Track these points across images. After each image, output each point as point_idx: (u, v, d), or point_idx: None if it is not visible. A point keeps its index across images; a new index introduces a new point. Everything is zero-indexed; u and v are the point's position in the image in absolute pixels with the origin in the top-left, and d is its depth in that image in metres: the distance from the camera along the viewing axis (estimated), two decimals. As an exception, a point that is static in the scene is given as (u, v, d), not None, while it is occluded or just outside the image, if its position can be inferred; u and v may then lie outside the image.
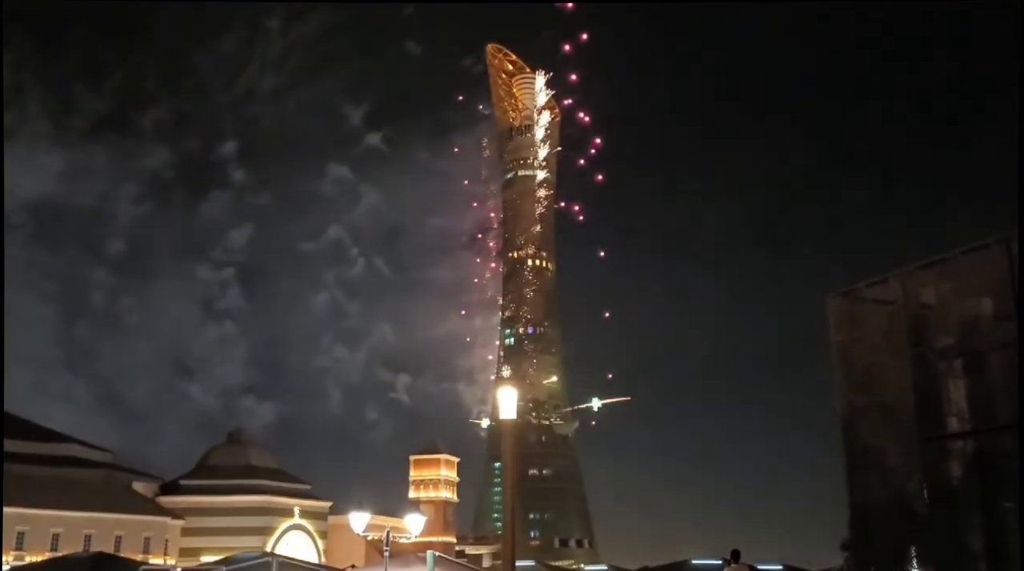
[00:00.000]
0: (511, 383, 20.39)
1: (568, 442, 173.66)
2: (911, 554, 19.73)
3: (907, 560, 19.78)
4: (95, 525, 72.79)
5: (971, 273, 18.56)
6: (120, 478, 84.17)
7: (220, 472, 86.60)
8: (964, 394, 19.33)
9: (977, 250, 18.26)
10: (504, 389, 20.14)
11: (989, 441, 18.73)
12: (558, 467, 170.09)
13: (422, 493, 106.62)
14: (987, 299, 18.54)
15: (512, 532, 20.84)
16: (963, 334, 19.00)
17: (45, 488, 71.04)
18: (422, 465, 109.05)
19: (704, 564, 64.45)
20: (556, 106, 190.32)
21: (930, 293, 19.75)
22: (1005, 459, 18.65)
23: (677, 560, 67.82)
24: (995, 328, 18.20)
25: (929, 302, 19.83)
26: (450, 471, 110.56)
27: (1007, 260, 17.46)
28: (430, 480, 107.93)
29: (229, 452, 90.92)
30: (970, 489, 19.17)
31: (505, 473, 21.94)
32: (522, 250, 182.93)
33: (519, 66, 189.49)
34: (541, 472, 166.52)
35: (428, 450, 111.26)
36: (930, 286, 19.69)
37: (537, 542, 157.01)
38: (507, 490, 21.00)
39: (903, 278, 19.77)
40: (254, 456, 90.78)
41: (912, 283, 19.71)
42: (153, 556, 74.41)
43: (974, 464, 19.02)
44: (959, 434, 19.18)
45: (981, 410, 18.95)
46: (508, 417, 19.65)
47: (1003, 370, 18.66)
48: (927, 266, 19.58)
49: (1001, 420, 18.14)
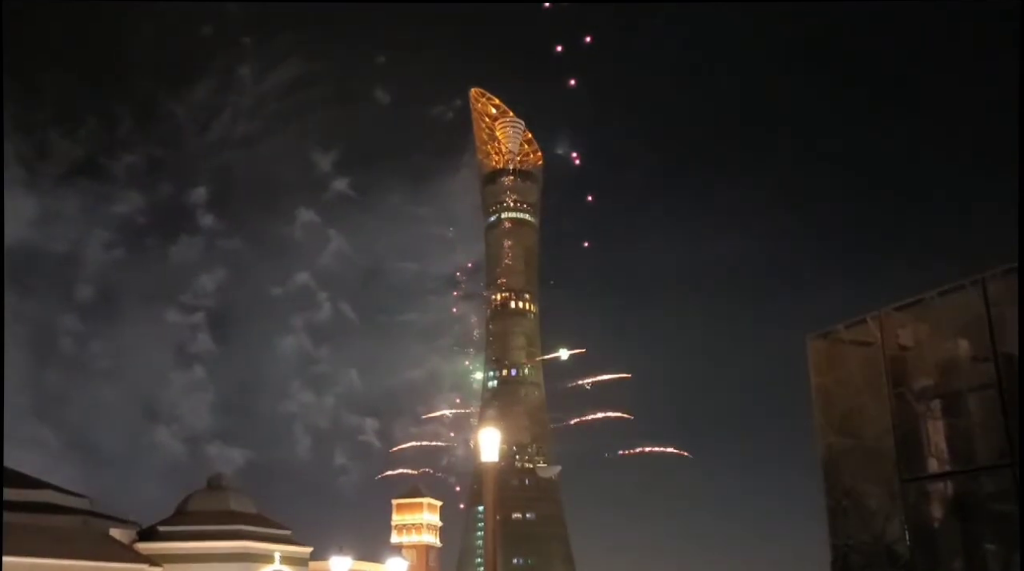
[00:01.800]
0: (493, 425, 20.35)
1: (552, 485, 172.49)
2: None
3: (890, 603, 19.71)
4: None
5: (947, 314, 18.77)
6: (97, 524, 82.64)
7: (199, 518, 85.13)
8: (943, 435, 19.44)
9: (952, 292, 18.48)
10: (486, 431, 20.09)
11: (969, 482, 18.79)
12: (542, 511, 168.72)
13: (404, 537, 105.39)
14: (963, 340, 18.71)
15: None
16: (941, 375, 19.14)
17: (20, 535, 69.58)
18: (405, 509, 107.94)
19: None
20: (539, 149, 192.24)
21: (907, 334, 19.92)
22: (986, 500, 18.70)
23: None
24: (972, 369, 18.36)
25: (907, 343, 19.99)
26: (433, 515, 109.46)
27: (982, 301, 17.67)
28: (412, 524, 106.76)
29: (208, 498, 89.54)
30: (951, 531, 19.19)
31: (487, 515, 21.85)
32: (505, 292, 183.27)
33: (502, 109, 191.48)
34: (525, 516, 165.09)
35: (411, 494, 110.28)
36: (907, 327, 19.87)
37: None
38: (488, 532, 20.86)
39: (881, 319, 19.94)
40: (234, 502, 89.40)
41: (889, 324, 19.89)
42: (130, 604, 72.88)
43: (955, 505, 19.05)
44: (939, 475, 19.23)
45: (960, 451, 19.05)
46: (490, 459, 19.58)
47: (981, 410, 18.80)
48: (904, 307, 19.78)
49: (980, 460, 18.24)
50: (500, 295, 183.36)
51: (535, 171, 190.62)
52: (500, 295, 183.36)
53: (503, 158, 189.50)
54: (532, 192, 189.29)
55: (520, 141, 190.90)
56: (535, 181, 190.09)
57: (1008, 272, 16.83)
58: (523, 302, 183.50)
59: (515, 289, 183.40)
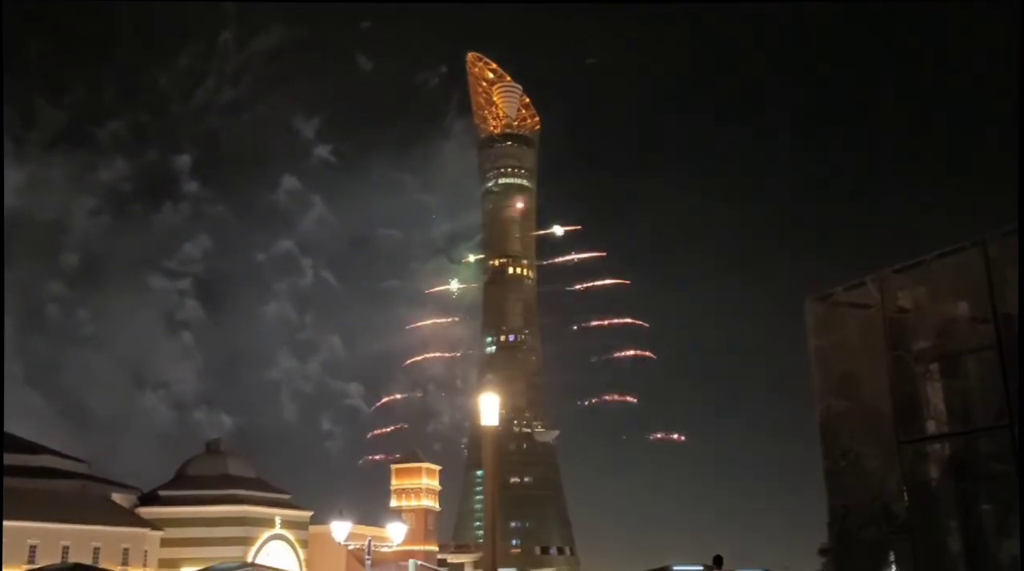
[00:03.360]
0: (492, 389, 20.37)
1: (549, 449, 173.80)
2: (890, 556, 19.78)
3: (886, 562, 19.83)
4: (72, 537, 71.92)
5: (947, 276, 18.68)
6: (97, 489, 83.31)
7: (199, 482, 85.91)
8: (942, 397, 19.44)
9: (953, 253, 18.38)
10: (485, 395, 20.12)
11: (966, 444, 18.84)
12: (539, 475, 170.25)
13: (404, 502, 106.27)
14: (963, 302, 18.66)
15: (494, 537, 20.81)
16: (940, 337, 19.10)
17: (20, 499, 70.05)
18: (404, 474, 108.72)
19: (685, 570, 64.38)
20: (537, 113, 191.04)
21: (907, 297, 19.83)
22: (982, 461, 18.78)
23: (658, 567, 67.67)
24: (971, 330, 18.33)
25: (906, 306, 19.92)
26: (432, 480, 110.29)
27: (983, 263, 17.58)
28: (412, 489, 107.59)
29: (207, 462, 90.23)
30: (948, 491, 19.26)
31: (487, 479, 21.90)
32: (503, 258, 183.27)
33: (499, 74, 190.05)
34: (522, 480, 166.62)
35: (410, 459, 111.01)
36: (907, 290, 19.77)
37: (518, 550, 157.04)
38: (488, 495, 20.97)
39: (880, 282, 19.85)
40: (232, 466, 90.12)
41: (889, 287, 19.78)
42: (132, 567, 73.68)
43: (952, 466, 19.12)
44: (937, 436, 19.27)
45: (958, 413, 19.07)
46: (489, 423, 19.60)
47: (979, 373, 18.81)
48: (903, 270, 19.67)
49: (978, 422, 18.26)
50: (497, 261, 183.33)
51: (532, 135, 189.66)
52: (497, 261, 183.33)
53: (500, 123, 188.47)
54: (529, 157, 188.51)
55: (517, 106, 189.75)
56: (532, 146, 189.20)
57: (1009, 233, 16.74)
58: (520, 268, 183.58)
59: (512, 255, 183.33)
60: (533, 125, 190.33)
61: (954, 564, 18.82)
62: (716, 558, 26.17)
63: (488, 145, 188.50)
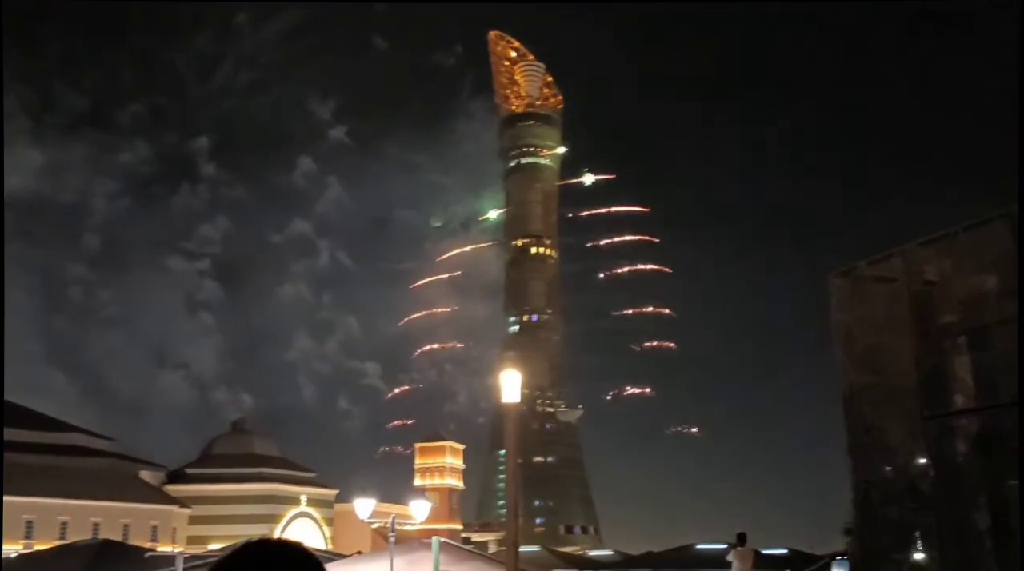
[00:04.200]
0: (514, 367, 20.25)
1: (571, 429, 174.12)
2: (915, 533, 19.63)
3: (911, 539, 19.68)
4: (102, 513, 73.09)
5: (974, 249, 18.36)
6: (126, 467, 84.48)
7: (225, 461, 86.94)
8: (968, 371, 19.17)
9: (979, 225, 18.06)
10: (507, 372, 20.03)
11: (993, 418, 18.59)
12: (562, 454, 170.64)
13: (427, 480, 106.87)
14: (990, 275, 18.33)
15: (516, 515, 20.82)
16: (966, 311, 18.81)
17: (51, 477, 71.29)
18: (427, 453, 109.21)
19: (709, 549, 64.29)
20: (559, 92, 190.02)
21: (933, 270, 19.54)
22: (1008, 436, 18.54)
23: (681, 545, 67.67)
24: (999, 304, 18.01)
25: (932, 279, 19.63)
26: (455, 458, 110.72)
27: (1010, 235, 17.27)
28: (435, 467, 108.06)
29: (233, 441, 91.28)
30: (974, 467, 19.04)
31: (509, 456, 21.87)
32: (525, 238, 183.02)
33: (522, 52, 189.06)
34: (545, 459, 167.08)
35: (433, 437, 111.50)
36: (932, 263, 19.48)
37: (541, 529, 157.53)
38: (511, 474, 20.97)
39: (905, 255, 19.57)
40: (258, 445, 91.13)
41: (914, 260, 19.51)
42: (161, 544, 74.65)
43: (978, 441, 18.88)
44: (963, 411, 19.03)
45: (985, 387, 18.80)
46: (511, 400, 19.54)
47: (1007, 347, 18.50)
48: (929, 242, 19.37)
49: (1005, 396, 18.00)
50: (520, 240, 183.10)
51: (555, 115, 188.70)
52: (520, 240, 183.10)
53: (522, 102, 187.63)
54: (552, 136, 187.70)
55: (540, 85, 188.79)
56: (555, 125, 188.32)
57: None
58: (543, 247, 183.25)
59: (535, 234, 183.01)
60: (556, 104, 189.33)
61: (980, 541, 18.63)
62: (740, 535, 26.16)
63: (510, 124, 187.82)
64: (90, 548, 46.55)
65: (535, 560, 65.21)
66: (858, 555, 20.55)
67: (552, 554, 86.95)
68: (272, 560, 2.81)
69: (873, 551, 20.22)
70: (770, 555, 57.93)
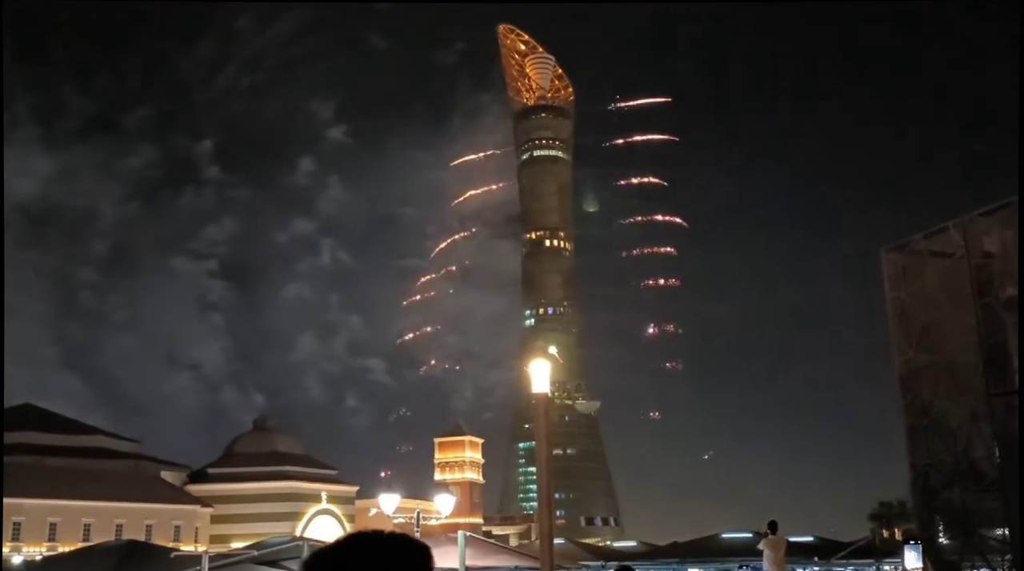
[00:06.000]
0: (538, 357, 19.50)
1: (591, 421, 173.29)
2: (979, 515, 18.81)
3: (975, 523, 18.85)
4: (126, 514, 72.81)
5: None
6: (148, 468, 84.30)
7: (247, 460, 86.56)
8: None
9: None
10: (536, 361, 19.25)
11: (1061, 395, 17.73)
12: (582, 446, 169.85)
13: (448, 475, 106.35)
14: (1057, 244, 17.47)
15: (550, 507, 20.01)
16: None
17: (75, 479, 71.11)
18: (447, 447, 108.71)
19: (733, 538, 63.42)
20: (570, 84, 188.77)
21: (993, 241, 18.70)
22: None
23: (707, 535, 66.84)
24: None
25: (992, 250, 18.77)
26: (475, 452, 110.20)
27: (1080, 201, 16.43)
28: (455, 462, 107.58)
29: (255, 440, 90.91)
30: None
31: (539, 449, 21.18)
32: (540, 231, 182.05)
33: (532, 45, 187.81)
34: (565, 451, 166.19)
35: (453, 432, 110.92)
36: (993, 234, 18.63)
37: (563, 521, 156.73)
38: (542, 467, 20.21)
39: (964, 227, 18.72)
40: (280, 443, 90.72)
41: (974, 231, 18.67)
42: (184, 543, 74.34)
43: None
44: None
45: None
46: (541, 391, 18.79)
47: (1075, 319, 17.64)
48: (989, 213, 18.52)
49: (1075, 372, 17.16)
50: (535, 233, 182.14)
51: (567, 107, 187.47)
52: (535, 233, 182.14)
53: (534, 95, 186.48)
54: (564, 128, 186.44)
55: (551, 77, 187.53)
56: (567, 117, 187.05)
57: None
58: (558, 240, 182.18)
59: (549, 227, 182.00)
60: (567, 96, 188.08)
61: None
62: (771, 524, 25.65)
63: (523, 117, 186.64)
64: (117, 549, 46.12)
65: (562, 552, 64.36)
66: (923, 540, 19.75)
67: (578, 546, 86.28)
68: (381, 549, 2.80)
69: (934, 536, 19.43)
70: (796, 543, 57.00)
